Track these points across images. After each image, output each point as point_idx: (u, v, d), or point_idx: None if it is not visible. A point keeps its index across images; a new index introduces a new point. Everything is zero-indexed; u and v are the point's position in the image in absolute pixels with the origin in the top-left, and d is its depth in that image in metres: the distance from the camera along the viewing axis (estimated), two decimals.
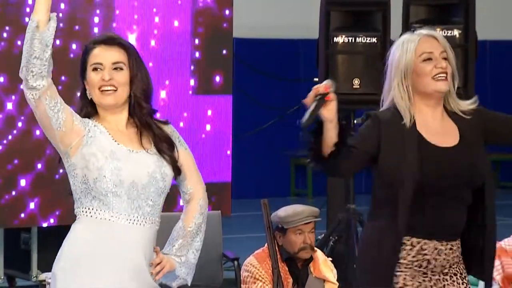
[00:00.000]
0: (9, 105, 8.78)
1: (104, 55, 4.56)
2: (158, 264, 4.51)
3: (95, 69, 4.54)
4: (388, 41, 9.61)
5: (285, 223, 7.03)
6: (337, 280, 7.26)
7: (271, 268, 6.98)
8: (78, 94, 4.57)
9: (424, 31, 5.04)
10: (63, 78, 8.77)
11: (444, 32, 6.94)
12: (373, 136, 4.92)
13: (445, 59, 4.91)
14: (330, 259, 7.48)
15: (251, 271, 6.99)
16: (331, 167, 4.88)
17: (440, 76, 4.87)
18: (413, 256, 4.96)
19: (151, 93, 4.63)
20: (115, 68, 4.53)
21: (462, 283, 5.08)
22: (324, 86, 4.72)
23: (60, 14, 9.08)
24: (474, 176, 5.02)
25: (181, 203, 8.83)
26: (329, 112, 4.72)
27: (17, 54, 8.57)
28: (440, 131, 5.02)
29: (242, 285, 6.96)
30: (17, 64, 4.21)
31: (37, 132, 8.59)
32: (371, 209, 5.18)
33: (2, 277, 9.23)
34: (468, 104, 5.02)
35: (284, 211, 7.10)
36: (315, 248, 7.27)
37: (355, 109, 9.68)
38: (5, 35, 8.95)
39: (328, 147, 4.75)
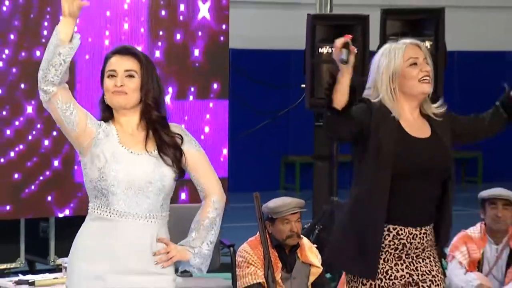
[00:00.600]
0: (29, 109, 8.77)
1: (118, 64, 4.59)
2: (163, 253, 4.50)
3: (110, 76, 4.57)
4: (367, 51, 9.67)
5: (274, 214, 7.05)
6: (321, 265, 7.26)
7: (262, 254, 6.98)
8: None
9: (407, 40, 5.09)
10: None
11: None
12: (367, 115, 4.95)
13: (428, 64, 4.99)
14: (316, 246, 7.48)
15: (244, 256, 7.01)
16: (339, 124, 4.86)
17: (425, 79, 4.95)
18: (390, 241, 4.98)
19: (161, 99, 4.63)
20: (127, 76, 4.55)
21: (435, 265, 5.11)
22: (345, 38, 4.76)
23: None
24: (443, 166, 5.09)
25: (182, 196, 8.91)
26: (348, 68, 4.78)
27: (37, 63, 8.56)
28: (416, 126, 5.07)
29: (237, 269, 6.96)
30: (36, 72, 4.23)
31: (54, 133, 8.60)
32: (352, 191, 5.19)
33: (23, 262, 9.23)
34: (437, 107, 5.10)
35: (273, 203, 7.12)
36: (302, 236, 7.29)
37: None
38: (25, 45, 8.94)
39: (343, 95, 4.76)
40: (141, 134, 4.61)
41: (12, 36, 8.86)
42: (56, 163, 8.72)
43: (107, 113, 4.63)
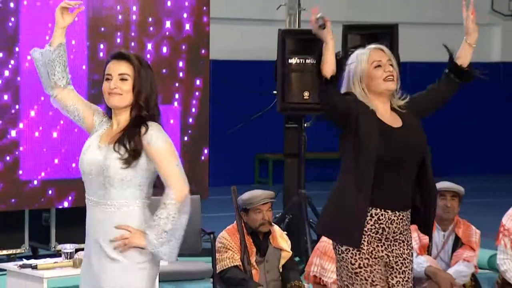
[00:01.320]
0: (32, 113, 8.77)
1: (114, 68, 4.58)
2: (121, 239, 4.44)
3: (106, 79, 4.57)
4: None
5: (247, 205, 7.08)
6: (291, 249, 7.27)
7: (239, 240, 6.98)
8: None
9: (372, 45, 5.23)
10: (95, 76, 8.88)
11: None
12: (353, 102, 5.04)
13: (391, 65, 5.06)
14: (286, 232, 7.50)
15: (223, 242, 7.02)
16: (330, 91, 4.99)
17: (389, 78, 5.03)
18: (372, 225, 5.02)
19: (152, 101, 4.59)
20: (121, 79, 4.53)
21: (407, 249, 5.14)
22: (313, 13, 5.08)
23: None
24: (417, 150, 5.15)
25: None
26: (329, 33, 5.05)
27: None
28: (390, 119, 5.13)
29: (216, 254, 6.96)
30: None
31: (54, 135, 8.58)
32: (339, 179, 5.21)
33: (27, 248, 9.19)
34: (402, 100, 5.19)
35: (246, 195, 7.16)
36: (273, 224, 7.29)
37: (305, 115, 9.78)
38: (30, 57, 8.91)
39: (330, 65, 4.99)
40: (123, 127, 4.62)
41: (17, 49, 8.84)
42: (56, 161, 8.67)
43: (110, 112, 4.63)
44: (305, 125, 9.84)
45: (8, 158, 8.76)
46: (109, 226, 4.51)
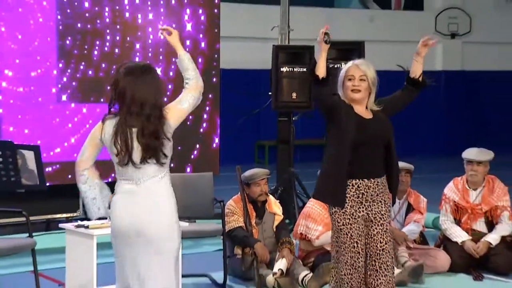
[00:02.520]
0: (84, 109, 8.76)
1: None
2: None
3: None
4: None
5: (249, 180, 7.06)
6: (282, 214, 7.29)
7: (242, 207, 6.97)
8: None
9: (357, 61, 5.34)
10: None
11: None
12: (338, 99, 5.21)
13: (363, 79, 5.14)
14: (278, 201, 7.49)
15: (230, 208, 7.02)
16: (321, 87, 5.09)
17: (354, 90, 5.13)
18: (353, 194, 5.10)
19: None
20: None
21: (385, 207, 5.19)
22: (323, 31, 5.24)
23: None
24: (383, 135, 5.23)
25: (188, 170, 8.71)
26: (326, 46, 5.16)
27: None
28: (363, 112, 5.21)
29: (225, 217, 6.93)
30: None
31: None
32: (325, 157, 5.33)
33: (81, 212, 9.15)
34: (377, 106, 5.27)
35: (248, 173, 7.12)
36: (269, 194, 7.28)
37: (293, 111, 9.81)
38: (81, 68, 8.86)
39: (323, 68, 5.08)
40: None
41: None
42: None
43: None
44: (293, 118, 9.87)
45: (66, 144, 8.75)
46: (149, 200, 4.49)
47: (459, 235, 7.40)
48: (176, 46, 4.74)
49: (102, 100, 8.73)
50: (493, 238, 7.34)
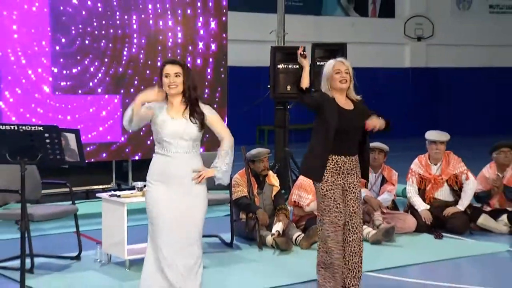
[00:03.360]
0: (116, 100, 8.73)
1: (170, 69, 4.59)
2: (198, 173, 4.57)
3: (165, 76, 4.59)
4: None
5: (254, 157, 7.10)
6: (279, 185, 7.30)
7: (246, 179, 6.98)
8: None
9: (338, 58, 5.33)
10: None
11: None
12: (320, 96, 5.23)
13: (347, 73, 5.20)
14: (276, 175, 7.49)
15: (236, 181, 7.02)
16: (305, 97, 5.22)
17: (342, 81, 5.18)
18: (332, 166, 5.17)
19: (196, 88, 4.65)
20: (176, 76, 4.56)
21: (356, 178, 5.26)
22: (300, 49, 5.39)
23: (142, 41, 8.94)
24: (359, 124, 5.22)
25: (201, 150, 8.77)
26: (306, 65, 5.25)
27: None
28: (345, 104, 5.24)
29: (232, 188, 6.92)
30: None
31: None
32: (312, 140, 5.34)
33: (114, 184, 9.20)
34: (356, 95, 5.32)
35: (253, 151, 7.14)
36: (269, 169, 7.28)
37: (288, 100, 9.78)
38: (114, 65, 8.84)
39: (306, 80, 5.20)
40: (182, 106, 4.61)
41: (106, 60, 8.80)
42: (130, 130, 8.61)
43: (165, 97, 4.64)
44: (288, 107, 9.85)
45: (101, 128, 8.75)
46: (183, 164, 4.58)
47: (419, 204, 7.47)
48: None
49: (132, 91, 8.75)
50: (462, 204, 7.47)
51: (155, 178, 4.60)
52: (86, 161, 5.54)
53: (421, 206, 7.43)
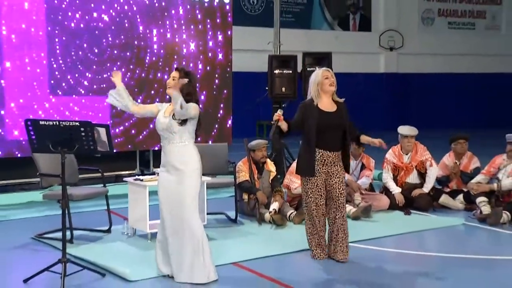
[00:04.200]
0: (139, 100, 8.71)
1: (173, 74, 4.67)
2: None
3: (171, 78, 4.65)
4: (296, 73, 9.62)
5: (254, 147, 7.07)
6: (275, 171, 7.29)
7: (248, 166, 6.97)
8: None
9: (324, 68, 5.37)
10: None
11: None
12: (301, 113, 5.26)
13: (334, 78, 5.24)
14: (273, 162, 7.48)
15: (239, 167, 7.01)
16: (292, 131, 5.26)
17: (331, 85, 5.21)
18: (319, 158, 5.22)
19: (189, 93, 4.61)
20: (172, 79, 4.63)
21: (339, 167, 5.29)
22: (277, 115, 5.21)
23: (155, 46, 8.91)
24: (341, 125, 5.24)
25: (210, 142, 8.62)
26: (284, 125, 5.19)
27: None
28: (329, 106, 5.25)
29: (236, 174, 6.92)
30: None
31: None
32: (302, 140, 5.33)
33: (138, 170, 9.20)
34: (340, 98, 5.31)
35: (254, 142, 7.12)
36: (267, 157, 7.26)
37: (283, 100, 9.71)
38: (138, 70, 8.82)
39: (285, 128, 5.20)
40: (171, 106, 4.66)
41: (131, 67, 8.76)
42: (151, 125, 8.59)
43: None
44: (283, 105, 9.78)
45: (127, 124, 8.75)
46: (175, 153, 4.62)
47: (393, 188, 7.47)
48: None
49: (152, 93, 8.74)
50: (427, 187, 7.48)
51: (161, 165, 4.75)
52: (115, 151, 5.55)
53: (395, 189, 7.42)
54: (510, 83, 20.42)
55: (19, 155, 7.99)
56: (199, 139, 5.02)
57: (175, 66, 8.83)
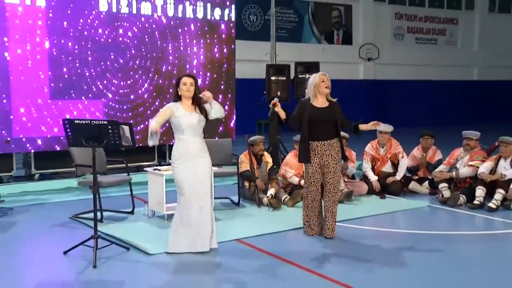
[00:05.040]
0: (157, 103, 8.65)
1: (187, 80, 4.63)
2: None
3: (184, 84, 4.61)
4: (289, 80, 9.58)
5: (253, 142, 7.04)
6: (272, 162, 7.22)
7: (249, 158, 6.94)
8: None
9: (320, 72, 5.27)
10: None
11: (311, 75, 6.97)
12: (299, 110, 5.18)
13: (329, 82, 5.18)
14: (270, 154, 7.45)
15: (241, 159, 6.98)
16: (289, 124, 5.18)
17: (326, 87, 5.16)
18: (312, 148, 5.14)
19: (199, 94, 4.64)
20: (190, 84, 4.62)
21: (331, 158, 5.16)
22: (274, 101, 5.10)
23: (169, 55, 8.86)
24: (331, 118, 5.15)
25: (216, 138, 8.59)
26: (281, 112, 5.11)
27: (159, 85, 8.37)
28: (322, 104, 5.18)
29: (239, 164, 6.90)
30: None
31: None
32: (300, 132, 5.24)
33: (156, 161, 9.15)
34: (333, 98, 5.22)
35: (252, 138, 7.08)
36: (264, 151, 7.24)
37: (286, 100, 9.60)
38: (156, 78, 8.77)
39: (283, 116, 5.11)
40: (192, 106, 4.65)
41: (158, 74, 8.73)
42: (166, 124, 8.57)
43: (177, 98, 4.67)
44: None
45: (146, 123, 8.69)
46: (199, 144, 4.63)
47: (371, 176, 7.45)
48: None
49: (167, 97, 8.71)
50: (399, 175, 7.46)
51: (178, 158, 4.65)
52: (137, 145, 5.54)
53: (373, 178, 7.41)
54: (464, 88, 20.80)
55: (58, 149, 8.03)
56: (207, 135, 5.02)
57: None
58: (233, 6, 9.40)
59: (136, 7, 8.55)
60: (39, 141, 7.90)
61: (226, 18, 9.35)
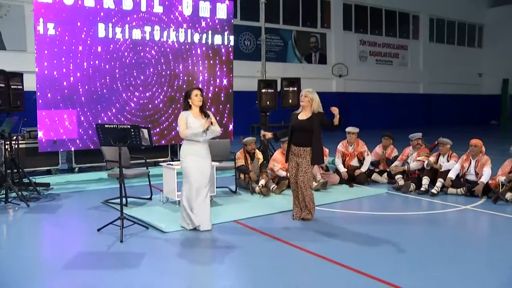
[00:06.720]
0: (173, 111, 8.59)
1: (197, 92, 4.57)
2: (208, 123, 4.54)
3: (195, 95, 4.55)
4: (276, 92, 9.46)
5: (246, 143, 6.97)
6: (263, 158, 7.20)
7: (243, 155, 6.90)
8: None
9: (306, 89, 5.08)
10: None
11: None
12: (290, 121, 5.09)
13: (306, 97, 5.00)
14: (261, 152, 7.40)
15: (237, 156, 6.94)
16: (283, 138, 5.20)
17: (302, 101, 5.02)
18: (291, 151, 5.00)
19: (205, 103, 4.70)
20: (200, 95, 4.56)
21: (304, 160, 5.04)
22: (262, 135, 5.15)
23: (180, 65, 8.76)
24: (306, 127, 5.03)
25: (217, 140, 8.39)
26: (269, 136, 5.17)
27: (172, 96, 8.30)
28: (304, 116, 5.06)
29: (235, 160, 6.87)
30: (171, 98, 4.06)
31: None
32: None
33: (169, 158, 9.05)
34: (319, 110, 5.06)
35: (246, 139, 7.00)
36: (256, 149, 7.20)
37: (268, 110, 9.52)
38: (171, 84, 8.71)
39: (275, 137, 5.16)
40: (199, 113, 4.58)
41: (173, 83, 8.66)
42: (177, 128, 8.53)
43: (188, 107, 4.59)
44: (268, 114, 9.66)
45: (161, 127, 8.65)
46: (206, 147, 4.62)
47: (341, 169, 7.47)
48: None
49: (178, 106, 8.67)
50: (364, 168, 7.46)
51: (189, 154, 4.63)
52: (154, 145, 5.52)
53: (342, 169, 7.43)
54: (412, 99, 21.46)
55: (92, 147, 7.99)
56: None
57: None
58: (232, 35, 9.38)
59: (155, 34, 8.53)
60: (78, 141, 7.90)
61: (226, 43, 9.32)
